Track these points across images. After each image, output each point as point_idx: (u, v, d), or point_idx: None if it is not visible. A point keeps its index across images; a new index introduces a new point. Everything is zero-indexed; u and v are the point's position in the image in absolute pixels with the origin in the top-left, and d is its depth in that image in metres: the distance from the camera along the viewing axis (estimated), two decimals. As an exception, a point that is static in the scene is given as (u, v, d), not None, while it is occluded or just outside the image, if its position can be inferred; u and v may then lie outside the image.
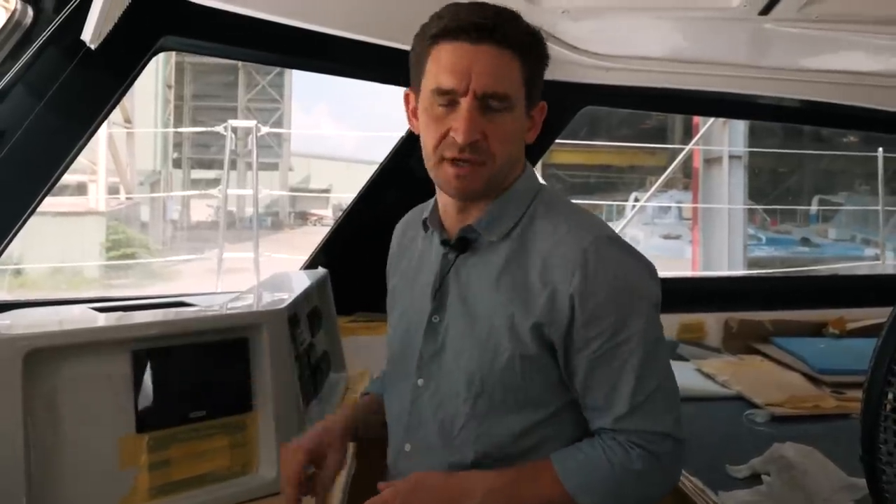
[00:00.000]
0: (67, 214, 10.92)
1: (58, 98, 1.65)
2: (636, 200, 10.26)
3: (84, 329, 1.26)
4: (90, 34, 1.59)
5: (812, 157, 13.56)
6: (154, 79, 16.57)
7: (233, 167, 14.20)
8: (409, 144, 2.22)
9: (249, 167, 12.71)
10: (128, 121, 14.14)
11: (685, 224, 13.34)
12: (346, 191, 14.20)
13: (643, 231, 13.43)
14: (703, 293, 2.84)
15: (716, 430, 1.83)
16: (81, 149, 1.77)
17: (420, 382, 1.14)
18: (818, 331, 2.59)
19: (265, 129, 11.24)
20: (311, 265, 2.21)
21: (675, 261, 11.39)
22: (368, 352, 1.78)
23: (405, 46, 1.11)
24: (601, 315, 1.02)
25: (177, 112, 19.82)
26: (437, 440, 1.11)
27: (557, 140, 2.64)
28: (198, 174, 19.54)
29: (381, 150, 2.31)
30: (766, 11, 1.82)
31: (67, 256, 10.67)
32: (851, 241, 13.62)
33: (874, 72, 2.25)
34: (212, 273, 8.33)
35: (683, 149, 8.84)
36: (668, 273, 6.30)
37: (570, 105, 2.36)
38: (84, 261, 11.14)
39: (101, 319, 1.30)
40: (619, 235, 1.13)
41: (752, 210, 11.94)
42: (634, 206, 9.41)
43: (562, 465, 1.04)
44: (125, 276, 12.08)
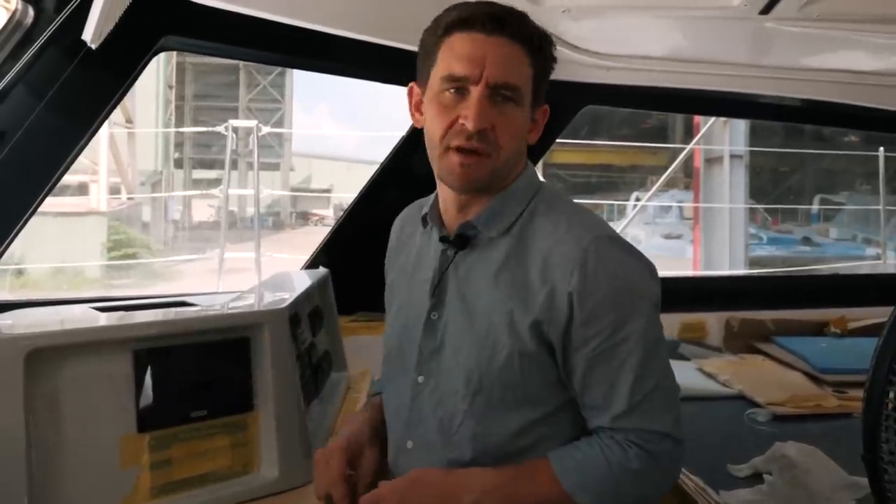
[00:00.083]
0: (69, 214, 10.95)
1: (59, 98, 1.65)
2: (637, 200, 10.27)
3: (85, 329, 1.26)
4: (91, 34, 1.59)
5: (813, 157, 13.57)
6: (155, 79, 16.57)
7: (234, 167, 14.22)
8: (410, 144, 2.22)
9: (251, 167, 12.72)
10: (129, 121, 14.16)
11: (686, 223, 13.35)
12: (348, 191, 14.20)
13: (644, 231, 13.44)
14: (705, 292, 2.85)
15: (717, 430, 1.83)
16: (82, 149, 1.77)
17: (420, 379, 1.13)
18: (819, 330, 2.60)
19: (266, 129, 11.27)
20: (313, 265, 2.21)
21: (677, 260, 11.41)
22: (369, 351, 1.76)
23: (407, 46, 1.12)
24: (600, 314, 1.02)
25: (178, 112, 19.82)
26: (437, 437, 1.11)
27: (558, 140, 2.64)
28: (199, 174, 19.54)
29: (383, 150, 2.32)
30: (767, 10, 1.82)
31: (69, 256, 10.68)
32: (853, 241, 13.62)
33: (875, 71, 2.25)
34: (213, 273, 8.35)
35: (684, 148, 8.82)
36: (670, 272, 6.31)
37: (571, 104, 2.37)
38: (85, 261, 11.14)
39: (103, 319, 1.30)
40: (620, 235, 1.13)
41: (754, 209, 11.95)
42: (635, 206, 9.41)
43: (559, 464, 1.04)
44: (126, 277, 12.10)
